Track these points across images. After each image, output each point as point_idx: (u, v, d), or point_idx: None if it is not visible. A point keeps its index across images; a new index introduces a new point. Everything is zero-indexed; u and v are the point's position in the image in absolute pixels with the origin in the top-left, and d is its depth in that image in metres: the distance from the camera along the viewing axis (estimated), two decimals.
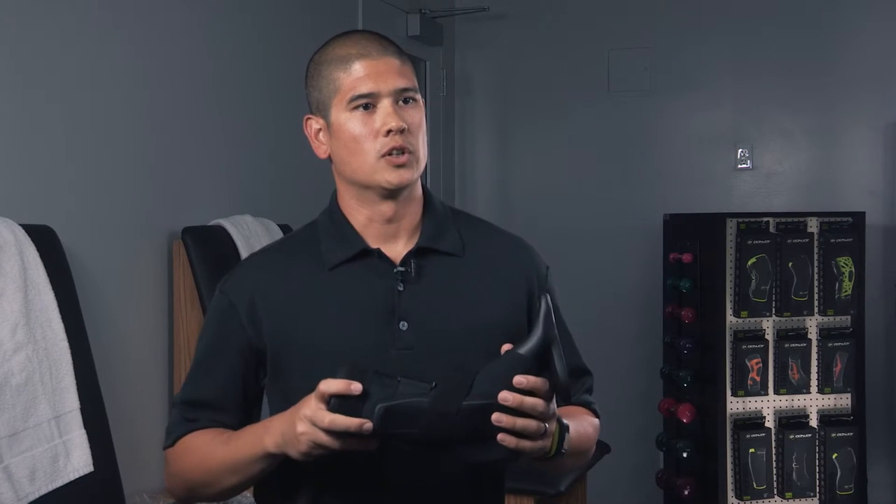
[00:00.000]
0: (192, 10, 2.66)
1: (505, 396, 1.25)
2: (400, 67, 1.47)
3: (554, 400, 1.32)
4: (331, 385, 1.26)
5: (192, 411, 1.52)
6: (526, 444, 1.28)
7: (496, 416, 1.25)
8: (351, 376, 1.26)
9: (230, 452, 1.43)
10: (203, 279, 2.48)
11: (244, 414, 1.54)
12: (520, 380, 1.26)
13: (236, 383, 1.52)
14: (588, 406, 1.63)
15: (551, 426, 1.32)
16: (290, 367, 1.48)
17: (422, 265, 1.50)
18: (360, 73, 1.45)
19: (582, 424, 1.53)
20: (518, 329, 1.53)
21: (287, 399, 1.48)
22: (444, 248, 1.52)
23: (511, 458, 1.31)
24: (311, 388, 1.44)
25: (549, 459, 1.37)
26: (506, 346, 1.32)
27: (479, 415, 1.26)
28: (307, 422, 1.29)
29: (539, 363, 1.28)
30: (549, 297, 1.29)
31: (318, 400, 1.28)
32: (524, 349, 1.28)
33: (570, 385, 1.39)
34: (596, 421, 1.62)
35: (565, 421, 1.38)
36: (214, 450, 1.46)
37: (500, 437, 1.27)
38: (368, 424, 1.25)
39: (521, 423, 1.26)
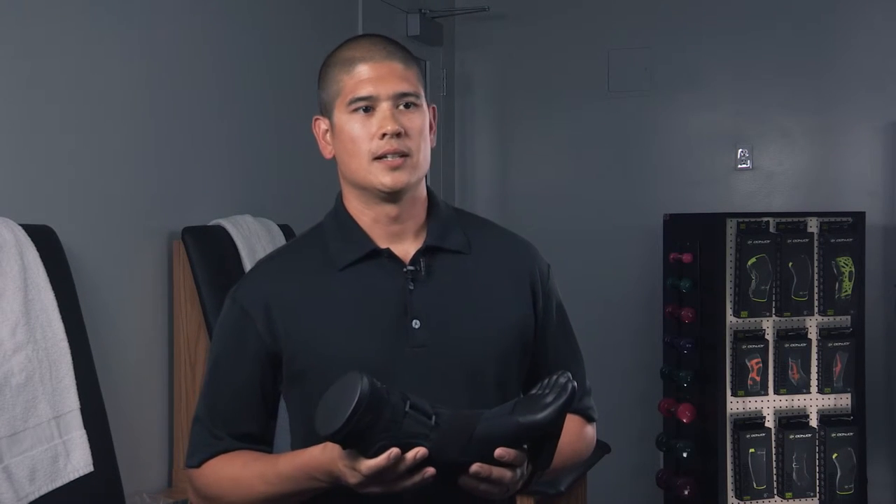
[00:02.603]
0: (192, 10, 2.66)
1: (477, 470, 1.29)
2: (403, 72, 1.48)
3: (524, 465, 1.34)
4: (371, 467, 1.27)
5: (214, 426, 1.52)
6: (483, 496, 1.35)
7: (462, 482, 1.31)
8: (371, 394, 1.24)
9: (270, 489, 1.45)
10: (203, 279, 2.48)
11: (264, 420, 1.54)
12: (501, 453, 1.30)
13: (254, 390, 1.52)
14: (585, 412, 1.63)
15: (517, 486, 1.36)
16: (306, 370, 1.48)
17: (431, 264, 1.51)
18: (361, 76, 1.46)
19: (575, 448, 1.56)
20: (525, 325, 1.56)
21: (304, 402, 1.49)
22: (452, 247, 1.53)
23: None
24: (328, 388, 1.45)
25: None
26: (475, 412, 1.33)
27: (462, 469, 1.31)
28: (367, 487, 1.30)
29: (535, 434, 1.31)
30: (574, 383, 1.31)
31: (356, 469, 1.29)
32: (527, 420, 1.29)
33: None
34: (587, 429, 1.63)
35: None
36: (249, 482, 1.47)
37: (460, 482, 1.32)
38: (394, 452, 1.25)
39: (483, 488, 1.32)
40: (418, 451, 1.26)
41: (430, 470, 1.28)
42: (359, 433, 1.24)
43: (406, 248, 1.51)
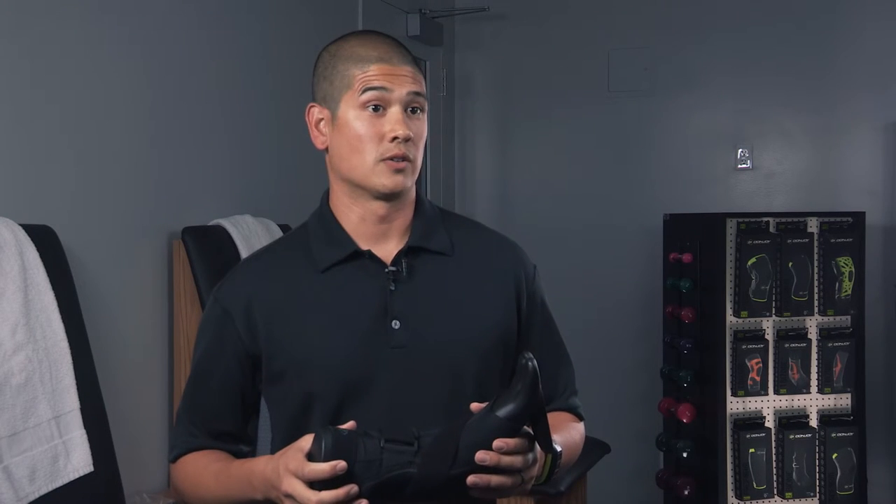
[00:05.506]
0: (192, 9, 2.66)
1: (482, 458, 1.28)
2: (415, 77, 1.49)
3: (536, 448, 1.33)
4: (316, 471, 1.26)
5: (192, 424, 1.54)
6: (499, 494, 1.33)
7: (471, 480, 1.28)
8: (335, 446, 1.26)
9: (221, 490, 1.47)
10: (203, 279, 2.48)
11: (243, 419, 1.56)
12: (499, 444, 1.28)
13: (234, 390, 1.53)
14: (573, 411, 1.64)
15: (531, 472, 1.34)
16: (285, 371, 1.49)
17: (413, 265, 1.51)
18: (377, 75, 1.46)
19: (571, 435, 1.56)
20: (507, 327, 1.55)
21: (284, 402, 1.50)
22: (435, 248, 1.53)
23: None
24: (307, 390, 1.46)
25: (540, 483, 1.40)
26: (475, 406, 1.33)
27: (464, 481, 1.30)
28: (292, 501, 1.29)
29: (520, 422, 1.30)
30: (534, 361, 1.29)
31: (299, 477, 1.28)
32: (505, 411, 1.28)
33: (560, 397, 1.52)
34: (581, 425, 1.64)
35: (558, 448, 1.38)
36: (207, 481, 1.50)
37: (469, 481, 1.29)
38: (355, 489, 1.26)
39: (495, 481, 1.29)
40: (350, 488, 1.25)
41: (354, 489, 1.26)
42: (338, 480, 1.26)
43: (389, 249, 1.52)
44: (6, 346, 1.88)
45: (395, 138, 1.44)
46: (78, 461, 2.00)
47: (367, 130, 1.46)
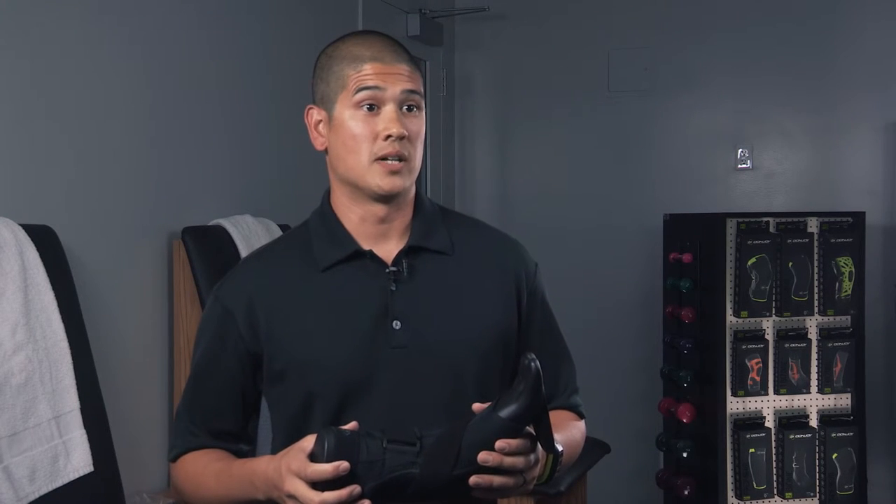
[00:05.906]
0: (192, 9, 2.66)
1: (485, 458, 1.28)
2: (410, 75, 1.49)
3: (538, 448, 1.34)
4: (319, 472, 1.26)
5: (192, 423, 1.54)
6: (501, 494, 1.33)
7: (474, 480, 1.29)
8: (338, 446, 1.26)
9: (222, 489, 1.47)
10: (203, 279, 2.48)
11: (243, 418, 1.56)
12: (501, 445, 1.28)
13: (234, 389, 1.53)
14: (575, 409, 1.64)
15: (533, 472, 1.34)
16: (286, 370, 1.49)
17: (413, 265, 1.51)
18: (370, 74, 1.46)
19: (572, 434, 1.57)
20: (508, 326, 1.56)
21: (285, 401, 1.50)
22: (435, 247, 1.53)
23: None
24: (308, 390, 1.46)
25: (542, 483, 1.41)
26: (477, 406, 1.33)
27: (466, 482, 1.31)
28: (294, 501, 1.30)
29: (523, 423, 1.31)
30: (537, 362, 1.29)
31: (301, 477, 1.28)
32: (508, 412, 1.29)
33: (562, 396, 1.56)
34: (582, 424, 1.64)
35: (559, 448, 1.38)
36: (207, 481, 1.49)
37: (472, 482, 1.29)
38: (358, 489, 1.26)
39: (498, 481, 1.30)
40: (353, 489, 1.26)
41: (357, 489, 1.27)
42: (340, 481, 1.26)
43: (390, 249, 1.52)
44: (6, 346, 1.88)
45: (388, 136, 1.44)
46: (78, 461, 2.00)
47: (361, 130, 1.46)
